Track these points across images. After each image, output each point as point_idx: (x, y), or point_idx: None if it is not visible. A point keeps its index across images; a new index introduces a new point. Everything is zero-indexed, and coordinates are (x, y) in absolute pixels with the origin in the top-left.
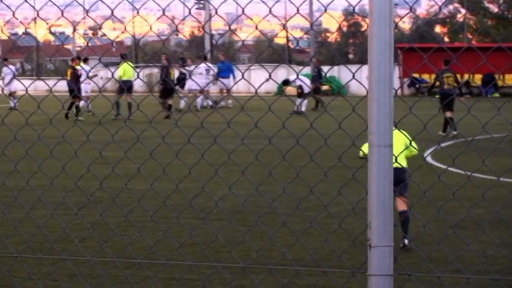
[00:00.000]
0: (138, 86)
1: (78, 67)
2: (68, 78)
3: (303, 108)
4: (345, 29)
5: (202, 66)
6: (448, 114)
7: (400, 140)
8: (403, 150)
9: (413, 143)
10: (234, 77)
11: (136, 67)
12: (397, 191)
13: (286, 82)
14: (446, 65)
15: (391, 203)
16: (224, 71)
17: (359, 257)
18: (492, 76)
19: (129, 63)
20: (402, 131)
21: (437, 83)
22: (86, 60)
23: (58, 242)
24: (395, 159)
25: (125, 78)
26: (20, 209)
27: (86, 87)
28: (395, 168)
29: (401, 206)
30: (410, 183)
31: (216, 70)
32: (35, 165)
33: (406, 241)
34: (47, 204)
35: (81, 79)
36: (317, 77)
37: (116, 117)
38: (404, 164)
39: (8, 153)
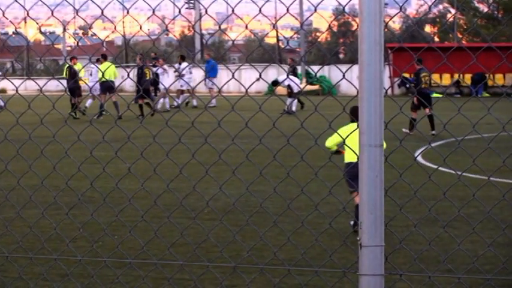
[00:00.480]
0: (128, 86)
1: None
2: (66, 77)
3: (294, 108)
4: (335, 28)
5: (184, 65)
6: (414, 114)
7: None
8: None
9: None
10: (215, 76)
11: (127, 67)
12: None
13: (275, 83)
14: (420, 63)
15: (381, 203)
16: (209, 71)
17: (350, 256)
18: (482, 75)
19: (109, 63)
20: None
21: (426, 83)
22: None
23: (49, 241)
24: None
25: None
26: (11, 208)
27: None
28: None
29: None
30: (401, 183)
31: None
32: (26, 165)
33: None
34: (38, 204)
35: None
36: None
37: (97, 117)
38: None
39: None
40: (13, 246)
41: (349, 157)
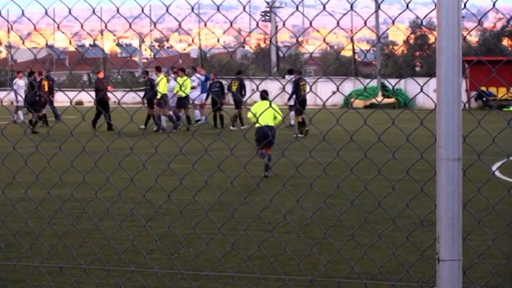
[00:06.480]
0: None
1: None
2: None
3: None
4: (411, 41)
5: (196, 78)
6: (300, 118)
7: (270, 109)
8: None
9: (279, 111)
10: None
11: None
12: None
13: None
14: (299, 74)
15: (460, 217)
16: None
17: (427, 270)
18: None
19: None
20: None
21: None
22: (195, 69)
23: (126, 253)
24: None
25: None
26: (88, 220)
27: (199, 96)
28: (267, 126)
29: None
30: (478, 197)
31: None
32: (103, 177)
33: (267, 173)
34: (115, 216)
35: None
36: (211, 90)
37: (175, 129)
38: (272, 123)
39: (77, 164)
40: (90, 258)
41: (259, 123)
